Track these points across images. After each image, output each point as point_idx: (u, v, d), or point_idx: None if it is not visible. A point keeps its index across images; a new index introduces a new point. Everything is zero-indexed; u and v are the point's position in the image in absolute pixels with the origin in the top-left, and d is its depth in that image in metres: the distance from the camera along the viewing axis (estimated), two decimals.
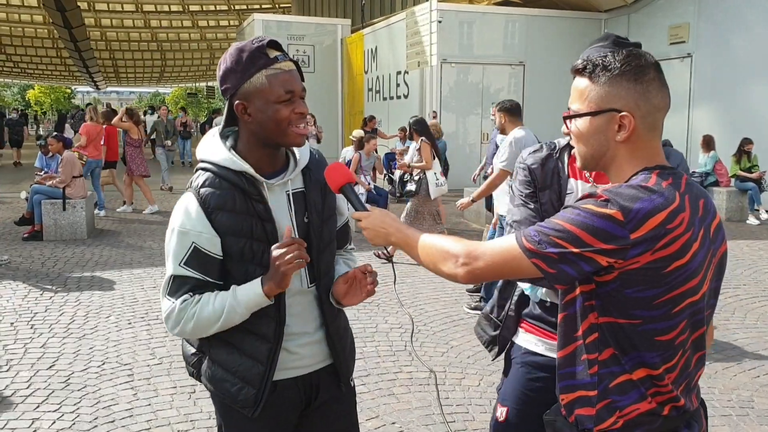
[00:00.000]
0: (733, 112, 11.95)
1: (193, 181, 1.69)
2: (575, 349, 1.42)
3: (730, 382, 4.18)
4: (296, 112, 1.64)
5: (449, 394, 3.97)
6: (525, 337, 1.98)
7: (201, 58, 43.99)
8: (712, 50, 12.39)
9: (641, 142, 1.39)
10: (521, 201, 1.93)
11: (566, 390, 1.45)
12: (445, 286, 6.15)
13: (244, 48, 1.64)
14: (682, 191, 1.33)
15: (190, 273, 1.65)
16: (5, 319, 5.28)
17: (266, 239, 1.66)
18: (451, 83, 14.50)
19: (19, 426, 3.52)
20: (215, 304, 1.64)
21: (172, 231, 1.67)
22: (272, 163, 1.72)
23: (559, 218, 1.34)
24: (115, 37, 39.64)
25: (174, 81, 59.57)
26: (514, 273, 1.39)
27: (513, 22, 14.94)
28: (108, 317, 5.35)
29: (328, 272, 1.81)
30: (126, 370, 4.27)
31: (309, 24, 19.90)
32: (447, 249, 1.44)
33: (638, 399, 1.37)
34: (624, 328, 1.35)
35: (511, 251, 1.36)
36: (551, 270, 1.32)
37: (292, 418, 1.82)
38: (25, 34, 37.34)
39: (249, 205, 1.65)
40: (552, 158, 1.92)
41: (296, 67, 1.68)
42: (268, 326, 1.70)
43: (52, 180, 8.63)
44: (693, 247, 1.32)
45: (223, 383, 1.73)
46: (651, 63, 1.39)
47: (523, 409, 1.94)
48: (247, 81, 1.62)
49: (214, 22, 37.53)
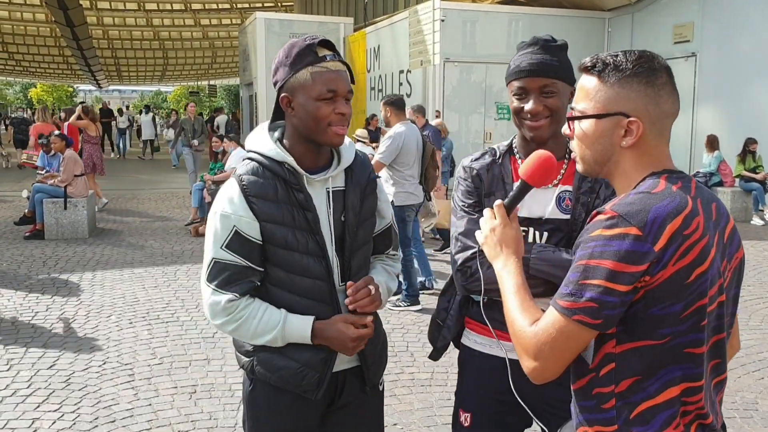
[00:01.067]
0: (738, 111, 11.90)
1: (238, 169, 1.75)
2: (588, 382, 1.32)
3: (734, 384, 4.15)
4: (337, 112, 1.68)
5: (451, 396, 3.94)
6: (475, 339, 1.94)
7: (203, 56, 43.98)
8: (717, 49, 12.34)
9: (648, 148, 1.31)
10: (463, 212, 1.88)
11: (584, 424, 1.35)
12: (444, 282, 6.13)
13: (295, 44, 1.71)
14: (692, 195, 1.26)
15: (230, 257, 1.68)
16: (6, 317, 5.27)
17: (309, 228, 1.71)
18: (454, 82, 14.46)
19: (20, 426, 3.50)
20: (259, 324, 1.70)
21: (214, 215, 1.71)
22: (315, 159, 1.76)
23: (578, 260, 1.24)
24: (118, 36, 39.64)
25: (176, 79, 59.56)
26: (576, 345, 1.25)
27: (516, 20, 14.90)
28: (109, 317, 5.34)
29: (359, 272, 1.82)
30: (127, 370, 4.25)
31: (311, 22, 19.89)
32: (519, 340, 1.31)
33: (664, 424, 1.26)
34: (653, 349, 1.24)
35: (556, 323, 1.24)
36: (597, 320, 1.21)
37: (315, 414, 1.84)
38: (28, 32, 37.36)
39: (290, 195, 1.70)
40: (496, 164, 1.89)
41: (347, 70, 1.72)
42: (326, 316, 1.75)
43: (53, 179, 8.62)
44: (711, 252, 1.24)
45: (284, 370, 1.76)
46: (663, 66, 1.32)
47: (486, 412, 1.91)
48: (293, 76, 1.68)
49: (217, 21, 37.50)
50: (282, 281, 1.74)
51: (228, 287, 1.70)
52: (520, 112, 1.82)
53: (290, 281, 1.73)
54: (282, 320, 1.71)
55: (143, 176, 16.36)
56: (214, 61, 45.34)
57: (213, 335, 4.92)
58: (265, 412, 1.82)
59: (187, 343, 4.75)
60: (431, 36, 13.57)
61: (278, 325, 1.70)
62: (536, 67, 1.78)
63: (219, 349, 4.63)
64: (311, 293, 1.74)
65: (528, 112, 1.79)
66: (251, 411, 1.85)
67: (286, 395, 1.79)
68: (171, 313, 5.45)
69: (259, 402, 1.82)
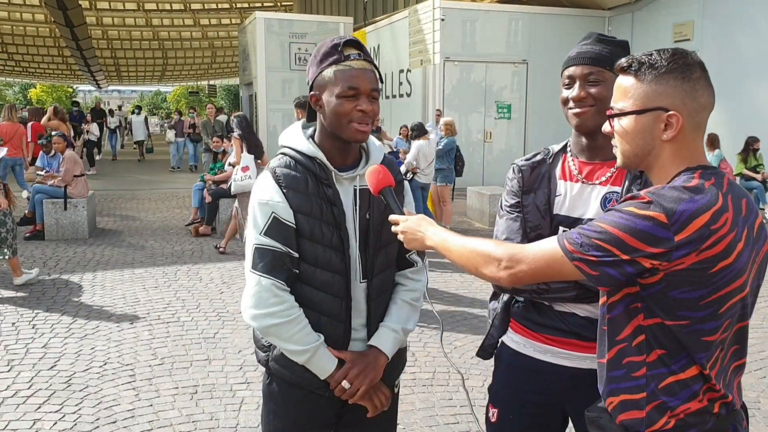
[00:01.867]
0: (738, 110, 11.89)
1: (271, 162, 1.83)
2: (617, 352, 1.42)
3: None
4: (358, 109, 1.72)
5: (453, 395, 3.94)
6: (513, 338, 1.95)
7: (203, 56, 43.97)
8: (717, 48, 12.32)
9: (686, 142, 1.39)
10: (505, 211, 1.91)
11: (612, 393, 1.43)
12: (448, 286, 6.11)
13: (324, 44, 1.78)
14: (724, 191, 1.33)
15: (270, 242, 1.73)
16: (7, 318, 5.26)
17: (335, 222, 1.77)
18: (454, 81, 14.46)
19: (21, 427, 3.50)
20: (297, 334, 1.74)
21: (252, 205, 1.78)
22: (344, 157, 1.82)
23: (601, 221, 1.35)
24: (117, 36, 39.64)
25: (176, 79, 59.54)
26: (557, 275, 1.41)
27: (516, 20, 14.89)
28: (110, 317, 5.33)
29: (382, 272, 1.87)
30: (128, 371, 4.25)
31: (311, 22, 19.85)
32: (489, 252, 1.45)
33: (689, 398, 1.36)
34: (672, 330, 1.35)
35: (554, 254, 1.38)
36: (594, 272, 1.34)
37: (329, 411, 1.88)
38: (27, 32, 37.34)
39: (320, 189, 1.77)
40: (545, 163, 1.89)
41: (374, 69, 1.77)
42: (340, 309, 1.80)
43: (53, 179, 8.61)
44: (738, 247, 1.31)
45: (297, 366, 1.79)
46: (696, 62, 1.39)
47: (514, 410, 1.92)
48: (320, 74, 1.75)
49: (216, 20, 37.51)
50: (302, 272, 1.78)
51: (272, 273, 1.73)
52: (566, 102, 1.80)
53: (310, 273, 1.78)
54: (320, 342, 1.76)
55: (143, 176, 16.35)
56: (214, 61, 45.33)
57: (214, 335, 4.92)
58: (281, 406, 1.87)
59: (188, 344, 4.75)
60: (431, 35, 13.55)
61: (315, 342, 1.75)
62: (584, 55, 1.76)
63: (220, 350, 4.63)
64: (328, 287, 1.78)
65: (572, 99, 1.77)
66: (268, 404, 1.91)
67: (300, 390, 1.83)
68: (172, 314, 5.45)
69: (275, 396, 1.88)
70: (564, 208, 1.81)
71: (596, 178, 1.80)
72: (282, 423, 1.88)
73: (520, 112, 14.89)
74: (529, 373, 1.87)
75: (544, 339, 1.84)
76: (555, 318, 1.81)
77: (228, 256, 7.53)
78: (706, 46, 12.57)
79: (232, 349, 4.65)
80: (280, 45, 18.57)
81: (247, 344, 4.72)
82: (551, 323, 1.82)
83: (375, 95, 1.76)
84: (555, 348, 1.82)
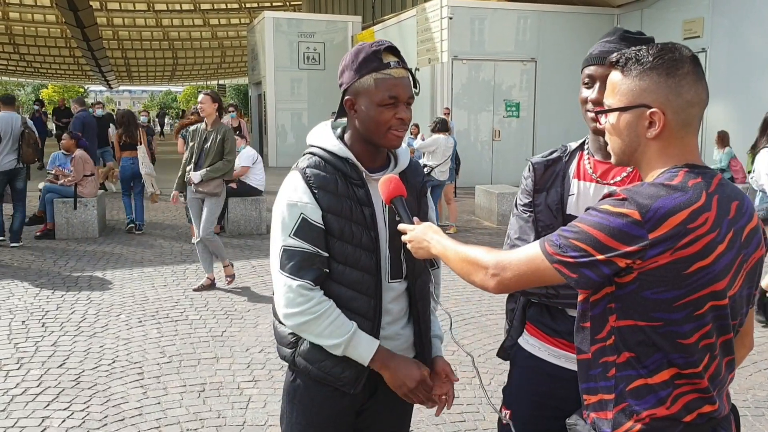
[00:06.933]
0: (749, 107, 11.79)
1: (300, 162, 1.82)
2: (597, 351, 1.39)
3: (745, 382, 4.11)
4: (397, 117, 1.75)
5: (459, 393, 3.93)
6: (529, 340, 1.94)
7: (212, 56, 44.17)
8: (727, 45, 12.23)
9: (673, 139, 1.34)
10: (518, 210, 1.90)
11: (589, 392, 1.42)
12: (456, 285, 6.10)
13: (362, 49, 1.77)
14: (710, 191, 1.28)
15: (299, 243, 1.73)
16: (17, 317, 5.31)
17: (365, 223, 1.78)
18: (462, 80, 14.43)
19: (29, 424, 3.53)
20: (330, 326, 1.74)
21: (280, 205, 1.78)
22: (373, 159, 1.83)
23: (579, 220, 1.32)
24: (127, 36, 39.89)
25: (186, 79, 59.85)
26: (541, 280, 1.37)
27: (525, 18, 14.84)
28: (118, 315, 5.37)
29: (423, 272, 1.89)
30: (136, 369, 4.27)
31: (320, 21, 19.89)
32: (478, 260, 1.44)
33: (655, 404, 1.31)
34: (645, 331, 1.30)
35: (536, 258, 1.35)
36: (573, 274, 1.30)
37: (352, 408, 1.88)
38: (38, 33, 37.64)
39: (350, 190, 1.77)
40: (561, 161, 1.86)
41: (410, 76, 1.79)
42: (368, 308, 1.80)
43: (64, 178, 8.67)
44: (718, 248, 1.26)
45: (325, 362, 1.79)
46: (686, 56, 1.34)
47: (528, 412, 1.91)
48: (358, 80, 1.75)
49: (225, 20, 37.66)
50: (332, 271, 1.79)
51: (300, 273, 1.73)
52: (585, 102, 1.76)
53: (340, 272, 1.78)
54: (353, 331, 1.75)
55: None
56: (223, 61, 45.51)
57: (222, 334, 4.94)
58: (305, 404, 1.87)
59: (196, 342, 4.77)
60: (439, 34, 13.54)
61: (348, 333, 1.74)
62: (606, 54, 1.68)
63: (228, 348, 4.65)
64: (358, 285, 1.79)
65: (591, 101, 1.73)
66: (291, 401, 1.90)
67: (326, 388, 1.83)
68: (180, 312, 5.47)
69: (299, 393, 1.87)
70: (577, 208, 1.78)
71: (611, 178, 1.77)
72: (306, 420, 1.87)
73: (529, 111, 14.84)
74: (544, 377, 1.86)
75: (557, 343, 1.83)
76: (568, 323, 1.78)
77: (237, 255, 7.55)
78: (716, 42, 12.48)
79: (240, 347, 4.67)
80: (289, 44, 18.62)
81: (255, 342, 4.74)
82: (565, 328, 1.80)
83: (411, 102, 1.78)
84: (569, 353, 1.79)
